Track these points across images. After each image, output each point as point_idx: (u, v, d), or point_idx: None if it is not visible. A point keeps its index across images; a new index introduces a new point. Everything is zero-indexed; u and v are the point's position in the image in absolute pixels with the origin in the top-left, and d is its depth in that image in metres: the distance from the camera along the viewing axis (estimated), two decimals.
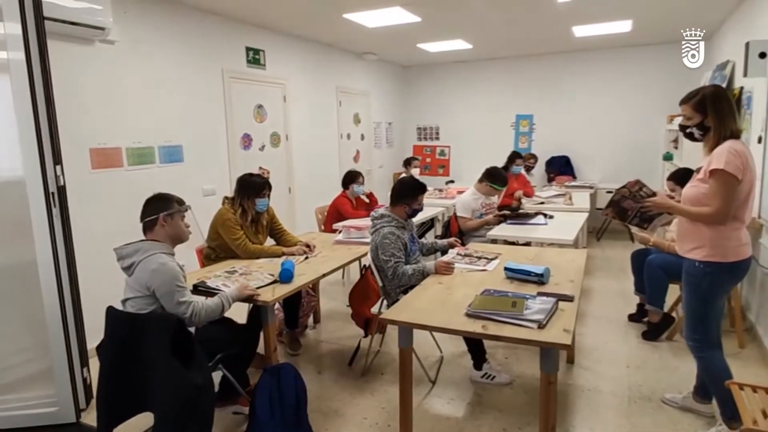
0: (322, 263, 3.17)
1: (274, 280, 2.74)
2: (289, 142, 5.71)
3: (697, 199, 2.30)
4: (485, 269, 2.90)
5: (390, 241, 3.00)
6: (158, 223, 2.28)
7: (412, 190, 3.17)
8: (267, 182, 3.48)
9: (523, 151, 7.75)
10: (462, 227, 4.46)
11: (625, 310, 4.15)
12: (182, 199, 2.41)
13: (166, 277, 2.16)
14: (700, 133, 2.34)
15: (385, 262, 2.98)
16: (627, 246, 6.62)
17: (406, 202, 3.15)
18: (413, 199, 3.16)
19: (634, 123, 7.20)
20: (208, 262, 3.41)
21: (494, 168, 4.60)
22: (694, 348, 2.45)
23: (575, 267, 2.90)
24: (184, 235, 2.36)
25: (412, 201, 3.15)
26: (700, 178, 2.30)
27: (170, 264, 2.19)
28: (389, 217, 3.13)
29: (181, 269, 2.27)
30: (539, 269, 2.60)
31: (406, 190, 3.18)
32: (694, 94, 2.36)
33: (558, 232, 3.93)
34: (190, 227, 2.40)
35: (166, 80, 4.18)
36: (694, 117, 2.34)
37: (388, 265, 2.96)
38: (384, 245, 2.99)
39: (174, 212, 2.32)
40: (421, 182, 3.25)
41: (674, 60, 6.36)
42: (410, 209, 3.17)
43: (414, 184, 3.21)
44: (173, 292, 2.17)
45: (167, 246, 2.29)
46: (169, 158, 4.23)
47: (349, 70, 6.98)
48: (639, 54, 7.07)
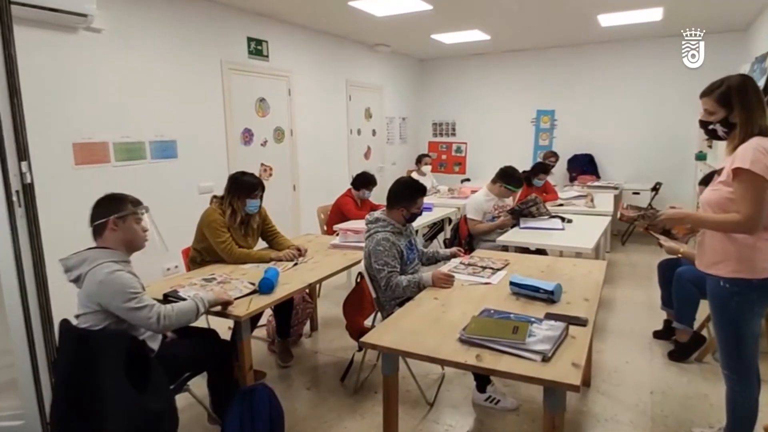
0: (311, 271, 2.90)
1: (254, 290, 2.48)
2: (293, 137, 5.46)
3: (720, 204, 1.95)
4: (489, 282, 2.59)
5: (384, 248, 2.71)
6: (108, 226, 2.03)
7: (410, 192, 2.87)
8: (260, 182, 3.23)
9: (543, 148, 7.38)
10: (471, 230, 4.14)
11: (651, 325, 3.77)
12: (139, 200, 2.16)
13: (116, 288, 1.92)
14: (725, 130, 1.99)
15: (377, 271, 2.69)
16: (655, 252, 6.17)
17: (403, 205, 2.85)
18: (411, 201, 2.85)
19: (664, 119, 6.74)
20: (193, 266, 3.19)
21: (509, 168, 4.26)
22: (730, 379, 2.10)
23: (592, 282, 2.56)
24: (138, 240, 2.11)
25: (410, 204, 2.85)
26: (722, 180, 1.96)
27: (118, 273, 1.94)
28: (384, 222, 2.84)
29: (140, 283, 2.02)
30: (549, 285, 2.28)
31: (403, 192, 2.87)
32: (717, 85, 1.99)
33: (576, 239, 3.57)
34: (147, 232, 2.15)
35: (159, 71, 3.96)
36: (717, 112, 1.98)
37: (380, 275, 2.68)
38: (377, 252, 2.70)
39: (126, 214, 2.07)
40: (421, 183, 2.94)
41: (708, 53, 5.90)
42: (408, 213, 2.87)
43: (412, 185, 2.91)
44: (127, 302, 1.93)
45: (119, 254, 2.03)
46: (162, 154, 4.02)
47: (361, 63, 6.69)
48: (670, 45, 6.57)
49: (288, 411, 2.78)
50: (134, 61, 3.77)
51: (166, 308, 2.01)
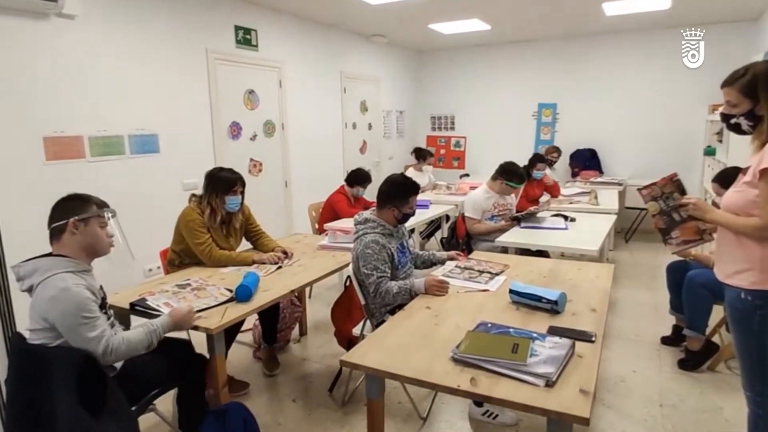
0: (295, 275, 2.69)
1: (230, 298, 2.28)
2: (285, 131, 5.24)
3: (744, 207, 1.74)
4: (486, 289, 2.38)
5: (373, 251, 2.49)
6: (68, 229, 1.82)
7: (402, 191, 2.65)
8: (239, 178, 3.02)
9: (545, 143, 7.16)
10: (469, 230, 3.93)
11: (658, 329, 3.57)
12: (105, 203, 1.95)
13: (67, 307, 1.70)
14: (750, 123, 1.77)
15: (366, 276, 2.48)
16: (659, 250, 5.97)
17: (394, 204, 2.63)
18: (403, 201, 2.64)
19: (671, 112, 6.51)
20: (171, 269, 2.98)
21: (510, 163, 4.04)
22: (753, 401, 1.90)
23: (599, 289, 2.36)
24: (101, 245, 1.89)
25: (401, 203, 2.63)
26: (747, 180, 1.75)
27: (74, 290, 1.72)
28: (374, 222, 2.62)
29: (93, 293, 1.80)
30: (552, 294, 2.07)
31: (394, 190, 2.65)
32: (741, 73, 1.77)
33: (580, 239, 3.36)
34: (113, 237, 1.94)
35: (139, 61, 3.74)
36: (741, 103, 1.76)
37: (369, 281, 2.47)
38: (366, 256, 2.49)
39: (89, 217, 1.85)
40: (414, 181, 2.73)
41: (718, 44, 5.67)
42: (400, 213, 2.65)
43: (404, 183, 2.68)
44: (78, 326, 1.71)
45: (77, 263, 1.82)
46: (142, 148, 3.80)
47: (356, 54, 6.45)
48: (677, 36, 6.32)
49: (270, 426, 2.60)
50: (111, 50, 3.55)
51: (116, 340, 1.79)
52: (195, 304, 2.18)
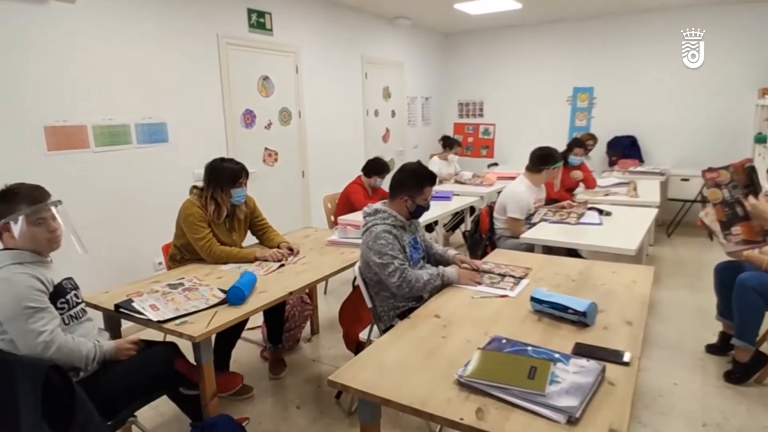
0: (298, 274, 2.49)
1: (222, 300, 2.09)
2: (302, 119, 5.04)
3: None
4: (507, 295, 2.11)
5: (386, 241, 2.25)
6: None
7: (415, 179, 2.39)
8: (243, 168, 2.83)
9: (580, 130, 6.73)
10: (513, 232, 3.54)
11: (703, 336, 3.22)
12: (39, 195, 1.79)
13: (7, 297, 1.61)
14: None
15: (382, 267, 2.23)
16: (705, 245, 5.53)
17: (407, 194, 2.38)
18: (417, 190, 2.38)
19: (718, 97, 5.99)
20: (173, 264, 2.84)
21: (539, 148, 3.70)
22: None
23: (637, 297, 2.06)
24: (38, 244, 1.78)
25: (415, 193, 2.38)
26: None
27: (14, 279, 1.63)
28: (385, 213, 2.37)
29: (44, 284, 1.67)
30: (581, 304, 1.79)
31: (408, 179, 2.40)
32: None
33: (615, 237, 3.01)
34: (58, 231, 1.80)
35: (145, 46, 3.58)
36: None
37: (388, 271, 2.21)
38: (379, 247, 2.24)
39: (15, 217, 1.72)
40: (429, 170, 2.46)
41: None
42: (413, 204, 2.39)
43: (419, 172, 2.42)
44: (17, 317, 1.62)
45: (25, 254, 1.72)
46: (150, 138, 3.66)
47: (378, 37, 6.17)
48: (725, 14, 5.80)
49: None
50: (115, 35, 3.40)
51: (60, 339, 1.68)
52: (183, 307, 2.01)
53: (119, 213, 3.49)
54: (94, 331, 1.92)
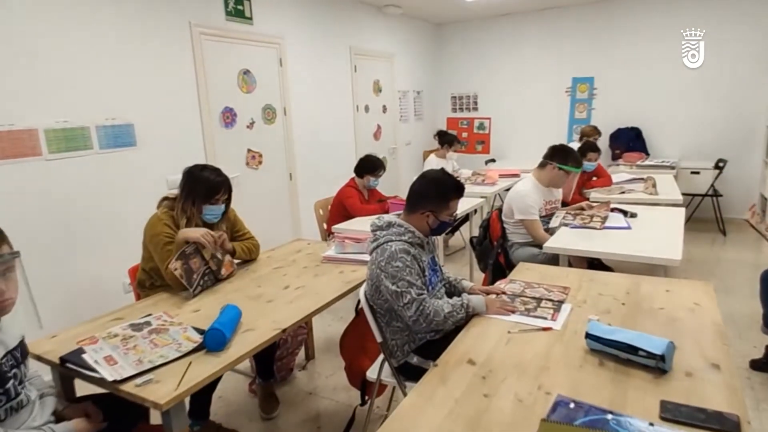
0: (289, 304, 2.06)
1: (198, 345, 1.67)
2: (288, 117, 4.60)
3: None
4: (550, 327, 1.72)
5: (404, 263, 1.84)
6: None
7: (441, 191, 1.97)
8: (225, 181, 2.41)
9: (581, 122, 6.40)
10: (534, 237, 3.13)
11: (742, 349, 2.89)
12: None
13: None
14: None
15: (397, 296, 1.83)
16: (716, 241, 5.24)
17: (429, 208, 1.97)
18: (442, 204, 1.97)
19: (727, 84, 5.70)
20: (142, 292, 2.40)
21: (561, 145, 3.29)
22: None
23: (709, 326, 1.69)
24: None
25: (439, 208, 1.97)
26: None
27: None
28: (401, 228, 1.96)
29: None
30: (655, 344, 1.41)
31: (432, 191, 1.98)
32: None
33: (651, 244, 2.63)
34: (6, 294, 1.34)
35: (108, 37, 3.12)
36: None
37: (404, 302, 1.82)
38: (394, 270, 1.83)
39: None
40: (459, 182, 2.03)
41: None
42: (436, 221, 1.98)
43: (446, 182, 1.99)
44: None
45: None
46: (115, 141, 3.20)
47: (367, 28, 5.75)
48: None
49: None
50: (72, 23, 2.94)
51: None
52: (148, 358, 1.59)
53: (80, 230, 3.04)
54: (42, 411, 1.47)
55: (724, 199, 5.59)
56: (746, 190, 5.70)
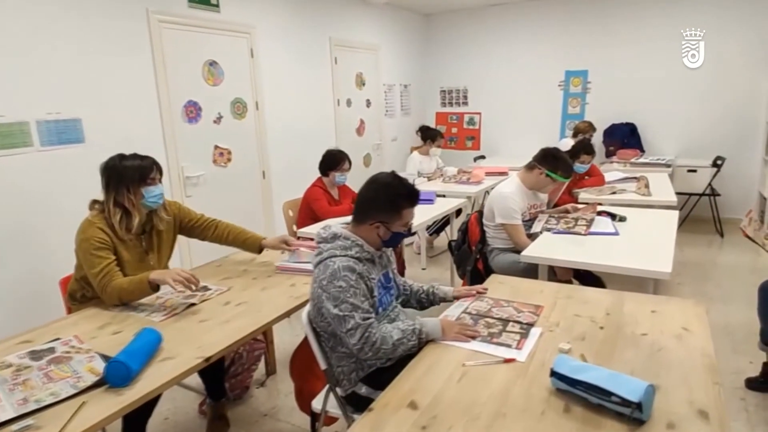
0: (227, 324, 1.82)
1: (99, 380, 1.42)
2: (260, 111, 4.34)
3: None
4: (513, 359, 1.48)
5: (347, 283, 1.60)
6: None
7: (392, 199, 1.71)
8: (152, 163, 2.17)
9: (574, 117, 6.16)
10: (516, 243, 2.87)
11: (738, 365, 2.67)
12: None
13: None
14: None
15: (340, 321, 1.58)
16: (714, 243, 5.00)
17: (380, 219, 1.71)
18: (393, 214, 1.71)
19: (725, 79, 5.45)
20: (74, 305, 2.17)
21: (554, 150, 3.01)
22: None
23: (698, 360, 1.44)
24: None
25: (390, 218, 1.71)
26: None
27: None
28: (348, 241, 1.71)
29: None
30: (631, 388, 1.16)
31: (381, 198, 1.72)
32: None
33: (640, 253, 2.38)
34: None
35: (51, 23, 2.86)
36: None
37: (346, 328, 1.57)
38: (337, 291, 1.59)
39: None
40: (412, 187, 1.77)
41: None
42: (387, 233, 1.73)
43: (395, 187, 1.73)
44: None
45: None
46: (59, 138, 2.95)
47: (349, 17, 5.47)
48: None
49: None
50: (8, 6, 2.68)
51: None
52: (35, 396, 1.34)
53: (17, 236, 2.78)
54: None
55: (722, 199, 5.35)
56: (745, 189, 5.46)
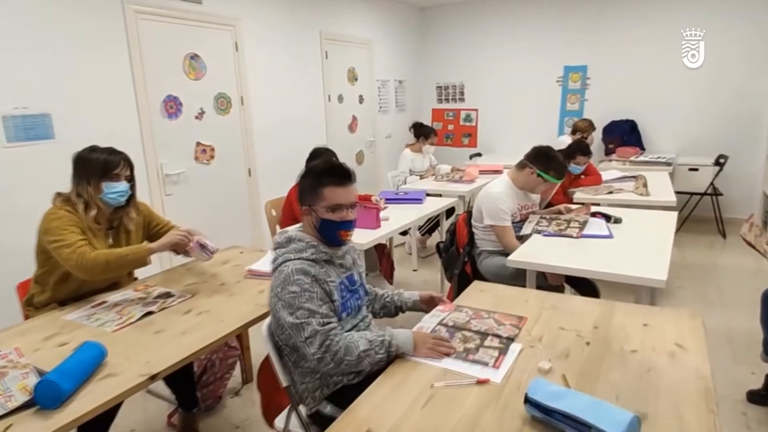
0: (183, 335, 1.68)
1: (29, 401, 1.29)
2: (245, 107, 4.19)
3: None
4: (487, 379, 1.33)
5: (301, 287, 1.46)
6: None
7: (311, 172, 1.62)
8: (123, 158, 2.07)
9: (573, 114, 6.00)
10: (505, 245, 2.72)
11: (739, 376, 2.52)
12: None
13: None
14: None
15: (296, 330, 1.44)
16: (716, 244, 4.85)
17: (307, 203, 1.60)
18: (314, 194, 1.57)
19: (727, 76, 5.30)
20: (31, 311, 2.05)
21: (547, 149, 2.85)
22: None
23: (692, 383, 1.29)
24: None
25: (314, 198, 1.57)
26: None
27: None
28: (302, 243, 1.58)
29: None
30: (616, 421, 1.02)
31: (303, 179, 1.63)
32: None
33: (634, 258, 2.24)
34: None
35: (18, 13, 2.72)
36: None
37: (304, 336, 1.43)
38: (290, 297, 1.45)
39: None
40: (337, 163, 1.69)
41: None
42: (317, 219, 1.57)
43: (316, 166, 1.65)
44: None
45: None
46: (27, 134, 2.81)
47: (341, 11, 5.32)
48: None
49: None
50: None
51: None
52: None
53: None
54: None
55: (725, 198, 5.19)
56: (748, 189, 5.30)
